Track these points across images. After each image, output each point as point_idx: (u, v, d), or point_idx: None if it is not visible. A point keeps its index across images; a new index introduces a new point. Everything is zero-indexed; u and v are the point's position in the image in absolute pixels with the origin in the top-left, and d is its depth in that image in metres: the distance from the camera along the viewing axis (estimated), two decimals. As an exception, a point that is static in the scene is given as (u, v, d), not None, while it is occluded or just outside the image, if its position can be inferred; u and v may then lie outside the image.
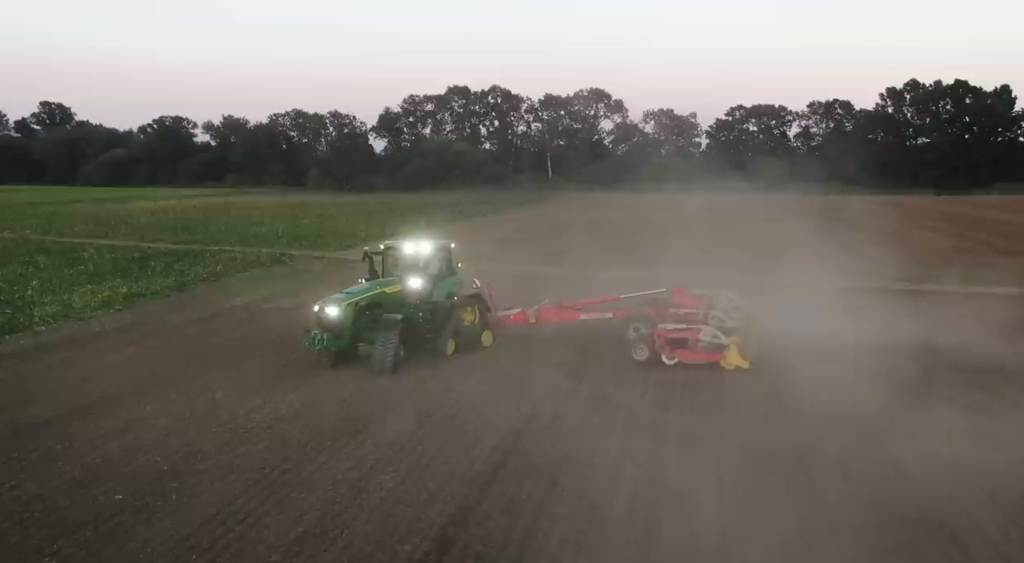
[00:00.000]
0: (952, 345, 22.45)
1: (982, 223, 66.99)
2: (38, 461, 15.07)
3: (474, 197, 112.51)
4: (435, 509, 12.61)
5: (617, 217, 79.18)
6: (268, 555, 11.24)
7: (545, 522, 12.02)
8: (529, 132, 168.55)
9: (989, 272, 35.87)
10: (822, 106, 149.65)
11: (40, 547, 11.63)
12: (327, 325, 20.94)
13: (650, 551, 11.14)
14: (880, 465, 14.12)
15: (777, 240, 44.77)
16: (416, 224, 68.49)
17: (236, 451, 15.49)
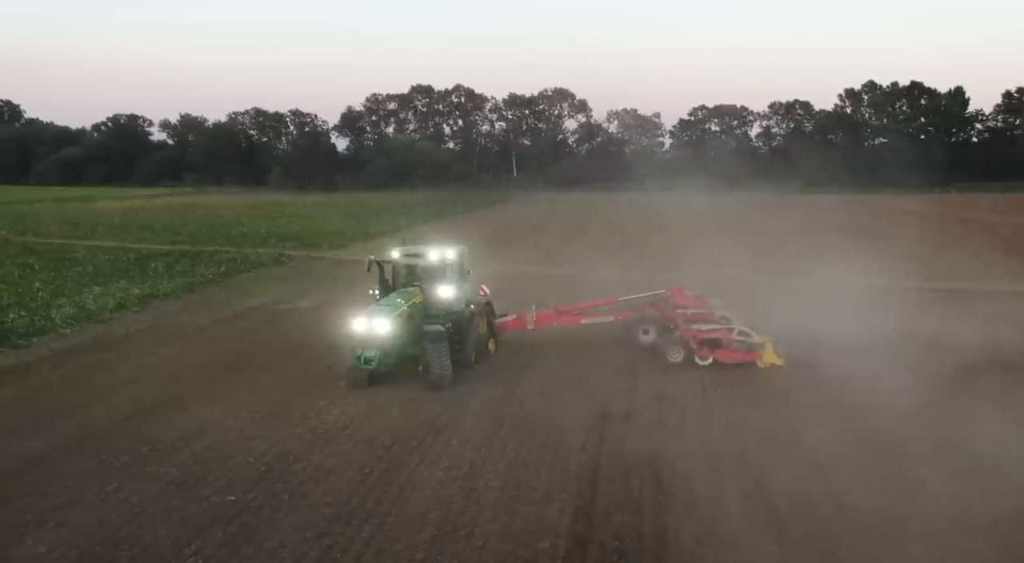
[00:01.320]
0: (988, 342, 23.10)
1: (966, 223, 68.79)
2: (130, 463, 15.10)
3: (443, 196, 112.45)
4: (554, 507, 12.90)
5: (595, 216, 79.83)
6: (412, 554, 11.43)
7: (671, 518, 12.36)
8: (493, 131, 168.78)
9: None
10: (783, 106, 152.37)
11: (176, 549, 11.70)
12: (375, 342, 19.36)
13: (787, 545, 11.52)
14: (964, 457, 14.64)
15: (785, 238, 45.61)
16: (394, 224, 68.70)
17: (324, 451, 15.63)
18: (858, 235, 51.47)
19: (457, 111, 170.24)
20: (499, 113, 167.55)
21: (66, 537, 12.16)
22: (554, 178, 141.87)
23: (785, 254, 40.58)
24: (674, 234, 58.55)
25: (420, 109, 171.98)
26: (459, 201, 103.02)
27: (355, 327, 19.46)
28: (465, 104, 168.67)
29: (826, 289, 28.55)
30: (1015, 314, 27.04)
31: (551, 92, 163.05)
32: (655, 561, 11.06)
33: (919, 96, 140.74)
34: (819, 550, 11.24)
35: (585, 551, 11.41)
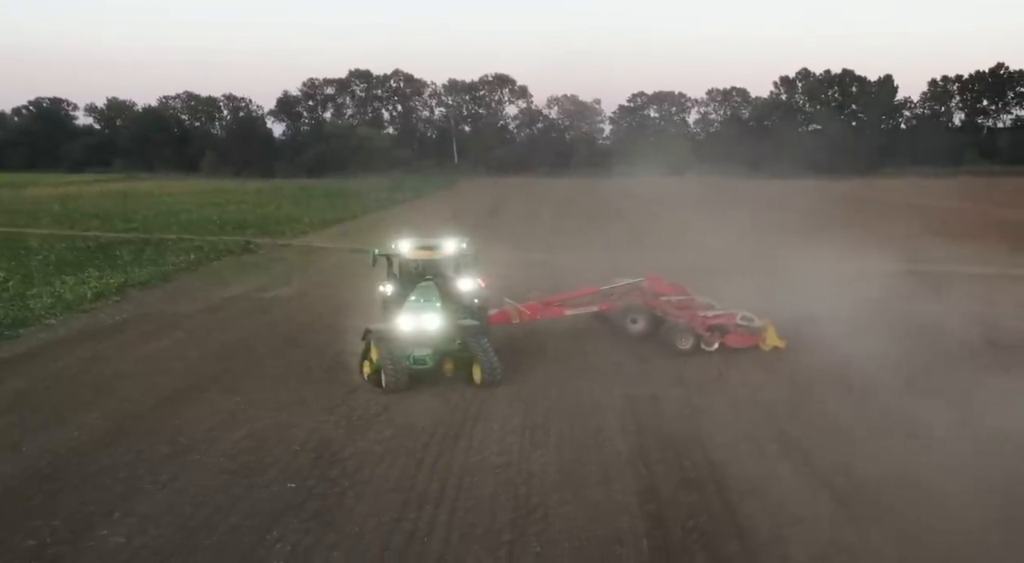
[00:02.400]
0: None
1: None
2: (173, 454, 15.03)
3: (387, 183, 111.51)
4: (616, 488, 13.26)
5: (546, 201, 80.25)
6: (497, 537, 11.71)
7: (734, 497, 12.80)
8: (433, 117, 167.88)
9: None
10: (720, 93, 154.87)
11: (257, 536, 11.74)
12: (427, 339, 18.59)
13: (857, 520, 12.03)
14: (988, 433, 15.38)
15: (747, 224, 46.56)
16: (347, 211, 68.20)
17: (366, 438, 15.73)
18: (820, 220, 52.86)
19: (396, 96, 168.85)
20: (439, 99, 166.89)
21: (139, 526, 12.11)
22: (496, 164, 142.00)
23: (753, 239, 41.38)
24: (630, 219, 59.50)
25: (358, 94, 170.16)
26: (405, 187, 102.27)
27: (402, 326, 18.51)
28: (404, 89, 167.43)
29: (807, 273, 29.34)
30: (993, 295, 28.16)
31: (491, 78, 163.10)
32: (737, 538, 11.41)
33: (850, 84, 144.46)
34: (888, 524, 11.73)
35: (665, 529, 11.76)
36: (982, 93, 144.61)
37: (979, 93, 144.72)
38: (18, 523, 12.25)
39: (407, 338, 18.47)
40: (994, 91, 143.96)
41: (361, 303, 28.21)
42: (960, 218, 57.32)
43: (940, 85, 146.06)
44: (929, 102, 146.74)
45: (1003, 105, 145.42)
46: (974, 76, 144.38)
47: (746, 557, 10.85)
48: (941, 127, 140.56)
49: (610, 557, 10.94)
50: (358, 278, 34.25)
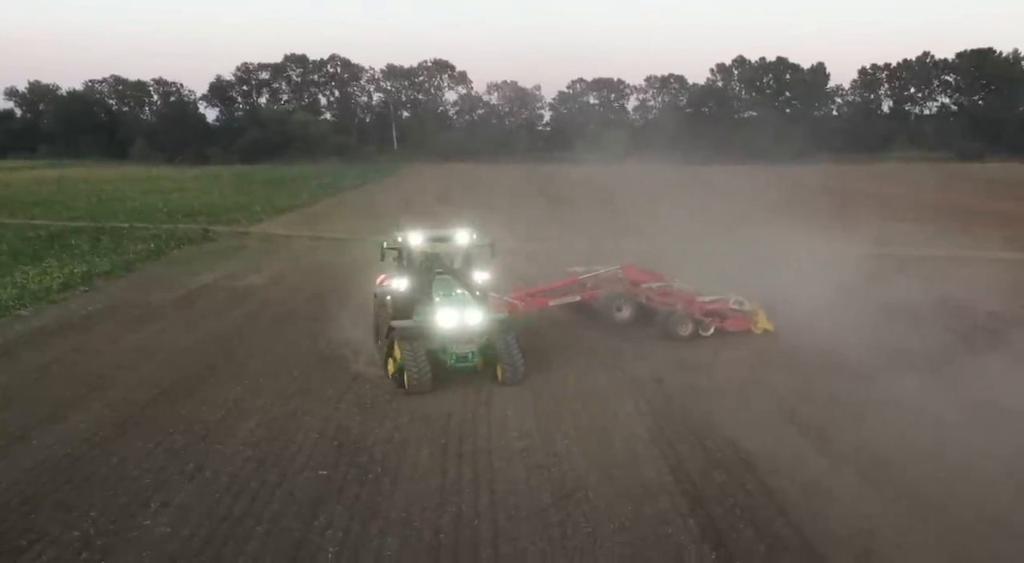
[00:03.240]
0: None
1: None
2: (190, 443, 14.94)
3: (329, 169, 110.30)
4: (648, 469, 13.55)
5: (495, 187, 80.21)
6: (544, 518, 11.93)
7: (764, 475, 13.23)
8: (372, 103, 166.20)
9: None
10: (658, 80, 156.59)
11: (305, 523, 11.81)
12: (470, 336, 17.66)
13: (888, 496, 12.58)
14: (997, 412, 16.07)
15: (704, 209, 47.29)
16: (297, 198, 67.42)
17: (385, 426, 15.77)
18: (772, 206, 53.89)
19: (333, 82, 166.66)
20: (377, 84, 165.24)
21: (180, 516, 12.05)
22: (437, 150, 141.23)
23: (714, 224, 42.11)
24: (585, 206, 59.99)
25: (294, 79, 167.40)
26: (348, 173, 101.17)
27: (442, 323, 17.46)
28: (342, 74, 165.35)
29: (776, 257, 30.08)
30: (956, 276, 29.29)
31: (431, 63, 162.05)
32: (779, 515, 11.82)
33: (784, 71, 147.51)
34: (915, 499, 12.24)
35: (707, 508, 12.09)
36: (909, 81, 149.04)
37: (906, 81, 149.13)
38: (53, 515, 12.07)
39: (447, 335, 17.47)
40: (920, 79, 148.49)
41: (339, 292, 28.32)
42: (907, 202, 59.09)
43: (870, 73, 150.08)
44: (859, 90, 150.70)
45: (929, 93, 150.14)
46: (901, 64, 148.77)
47: (792, 532, 11.24)
48: (871, 114, 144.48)
49: (660, 536, 11.23)
50: (328, 266, 34.28)
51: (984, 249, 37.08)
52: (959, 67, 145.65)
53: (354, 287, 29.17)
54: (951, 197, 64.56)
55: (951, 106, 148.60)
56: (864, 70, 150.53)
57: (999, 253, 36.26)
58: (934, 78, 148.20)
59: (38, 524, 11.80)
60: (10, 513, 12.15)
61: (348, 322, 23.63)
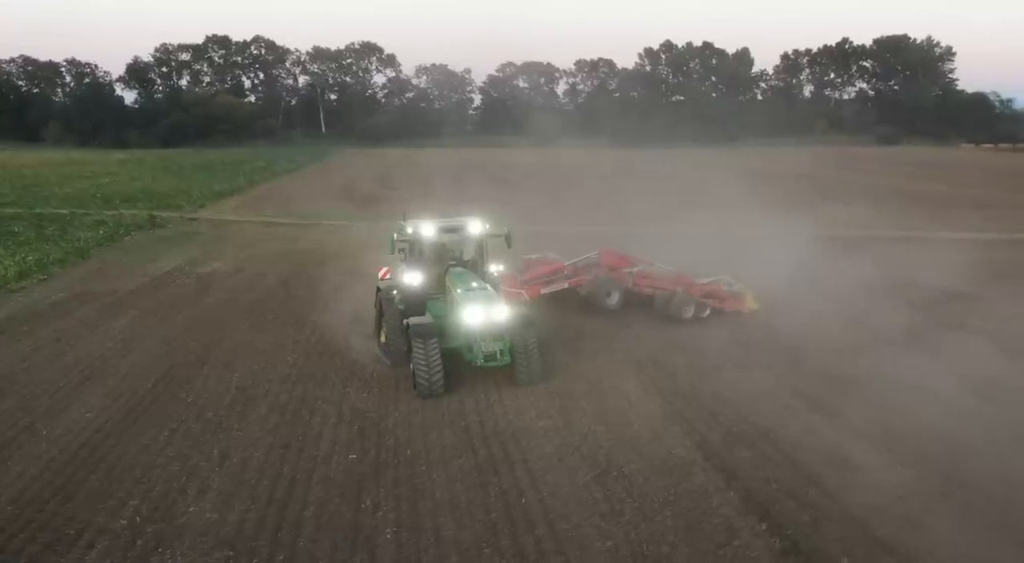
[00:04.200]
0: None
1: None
2: (206, 430, 14.86)
3: (259, 153, 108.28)
4: (676, 445, 13.98)
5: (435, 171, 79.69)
6: (587, 493, 12.23)
7: (788, 448, 13.79)
8: (298, 86, 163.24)
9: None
10: (588, 64, 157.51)
11: (354, 506, 11.90)
12: (498, 332, 16.74)
13: (912, 465, 13.23)
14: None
15: (654, 193, 48.04)
16: (233, 183, 66.20)
17: (399, 408, 15.93)
18: (714, 188, 55.02)
19: (257, 64, 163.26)
20: (303, 67, 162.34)
21: (223, 501, 12.06)
22: (366, 133, 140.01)
23: (662, 207, 42.83)
24: (527, 189, 60.20)
25: (216, 61, 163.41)
26: (279, 157, 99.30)
27: (468, 319, 16.50)
28: (266, 56, 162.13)
29: (733, 238, 30.92)
30: (906, 256, 30.52)
31: (358, 46, 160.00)
32: (812, 486, 12.36)
33: (710, 56, 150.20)
34: (934, 470, 12.86)
35: (743, 481, 12.54)
36: (829, 67, 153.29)
37: (826, 66, 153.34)
38: (90, 505, 11.95)
39: (474, 332, 16.60)
40: (840, 65, 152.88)
41: (307, 279, 28.28)
42: (840, 185, 60.91)
43: (791, 58, 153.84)
44: (782, 75, 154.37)
45: (847, 78, 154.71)
46: (821, 50, 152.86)
47: (829, 502, 11.77)
48: (794, 99, 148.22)
49: (706, 509, 11.64)
50: (287, 253, 33.94)
51: (923, 229, 38.67)
52: (876, 53, 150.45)
53: (321, 274, 29.17)
54: (881, 179, 67.00)
55: (868, 91, 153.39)
56: (786, 55, 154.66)
57: (938, 233, 37.86)
58: (852, 64, 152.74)
59: (78, 514, 11.66)
60: (45, 504, 11.99)
61: (328, 309, 23.70)
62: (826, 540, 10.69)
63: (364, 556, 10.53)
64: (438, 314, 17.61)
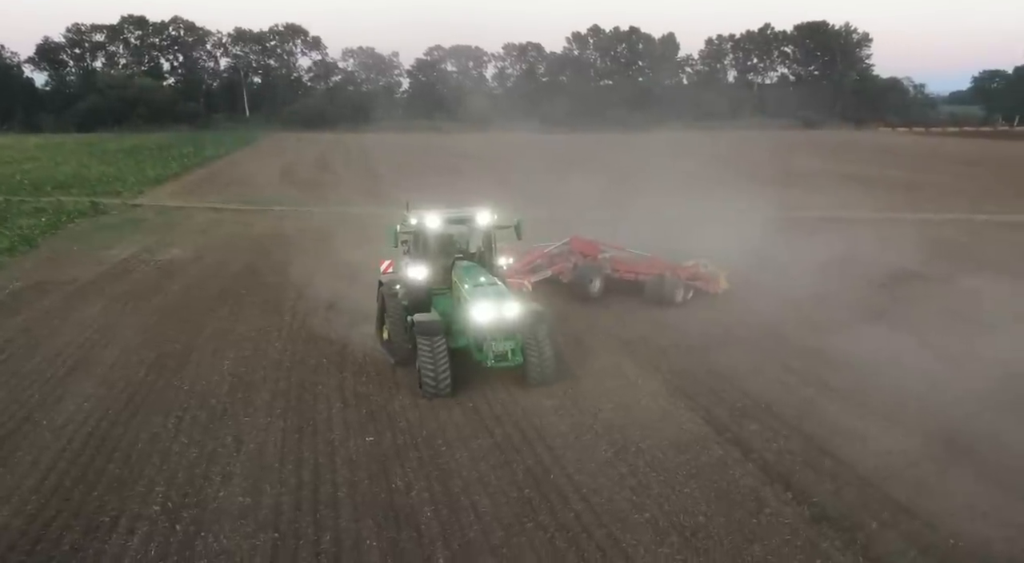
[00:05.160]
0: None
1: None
2: (215, 418, 14.81)
3: (183, 138, 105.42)
4: (684, 419, 14.52)
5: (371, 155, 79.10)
6: (611, 470, 12.61)
7: (794, 420, 14.45)
8: (219, 68, 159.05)
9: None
10: (516, 48, 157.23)
11: (386, 487, 12.00)
12: (509, 330, 15.78)
13: (915, 435, 13.94)
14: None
15: (600, 177, 48.53)
16: (166, 168, 64.66)
17: (401, 391, 16.06)
18: (657, 171, 55.95)
19: (176, 46, 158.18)
20: (225, 49, 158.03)
21: (253, 486, 12.08)
22: (292, 117, 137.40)
23: (612, 191, 43.42)
24: (469, 174, 60.34)
25: (133, 42, 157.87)
26: (206, 142, 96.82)
27: (478, 317, 15.59)
28: (185, 38, 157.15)
29: (692, 220, 31.63)
30: (861, 235, 31.64)
31: (282, 28, 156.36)
32: (823, 453, 12.99)
33: (637, 41, 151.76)
34: (942, 438, 13.50)
35: (758, 453, 13.08)
36: (751, 52, 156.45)
37: (749, 51, 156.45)
38: (117, 492, 11.87)
39: (484, 330, 15.69)
40: (762, 50, 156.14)
41: (272, 266, 28.11)
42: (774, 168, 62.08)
43: (716, 43, 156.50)
44: (708, 60, 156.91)
45: (770, 63, 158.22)
46: (744, 36, 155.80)
47: (846, 470, 12.37)
48: (718, 84, 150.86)
49: (731, 481, 12.12)
50: (244, 239, 33.53)
51: (864, 210, 40.01)
52: (796, 39, 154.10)
53: (286, 260, 28.97)
54: (812, 162, 68.75)
55: (790, 76, 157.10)
56: (711, 40, 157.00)
57: (882, 214, 39.30)
58: (774, 49, 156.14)
59: (107, 501, 11.59)
60: (69, 492, 11.88)
61: (302, 296, 23.68)
62: (850, 506, 11.25)
63: (411, 533, 10.70)
64: (444, 310, 16.91)
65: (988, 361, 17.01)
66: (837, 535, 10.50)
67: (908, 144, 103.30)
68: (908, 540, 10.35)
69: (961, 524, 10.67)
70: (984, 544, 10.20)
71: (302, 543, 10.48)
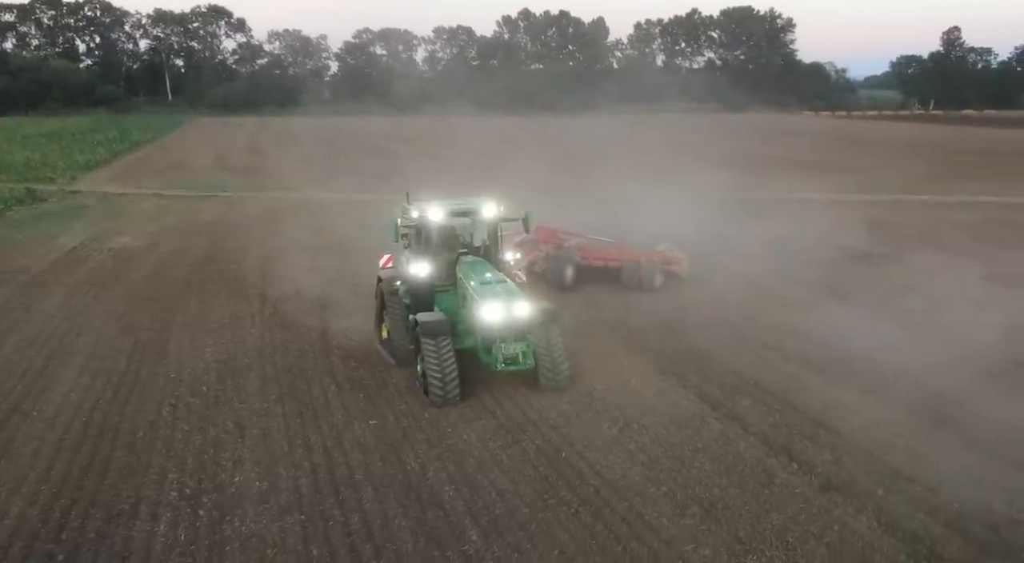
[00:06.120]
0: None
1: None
2: (210, 405, 14.73)
3: (105, 122, 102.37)
4: (677, 396, 14.93)
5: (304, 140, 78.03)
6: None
7: (781, 395, 14.98)
8: (139, 50, 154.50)
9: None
10: (446, 32, 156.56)
11: (399, 468, 12.06)
12: (518, 331, 14.78)
13: (895, 406, 14.59)
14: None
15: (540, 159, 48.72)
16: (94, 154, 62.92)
17: (395, 375, 16.10)
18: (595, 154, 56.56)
19: (93, 27, 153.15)
20: (144, 30, 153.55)
21: (264, 470, 12.06)
22: (217, 102, 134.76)
23: (559, 174, 43.73)
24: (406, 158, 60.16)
25: (46, 23, 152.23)
26: (129, 126, 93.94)
27: (487, 317, 14.52)
28: (102, 19, 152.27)
29: (641, 203, 31.99)
30: (808, 216, 32.52)
31: (205, 9, 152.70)
32: (817, 426, 13.53)
33: (567, 25, 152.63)
34: (920, 408, 14.08)
35: (756, 427, 13.58)
36: (679, 36, 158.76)
37: (677, 36, 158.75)
38: (128, 480, 11.74)
39: (492, 332, 14.66)
40: (689, 35, 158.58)
41: (230, 253, 27.98)
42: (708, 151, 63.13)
43: (644, 28, 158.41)
44: (637, 44, 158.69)
45: (697, 48, 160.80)
46: (672, 20, 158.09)
47: (840, 440, 12.90)
48: (648, 68, 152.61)
49: (736, 453, 12.53)
50: (195, 226, 33.07)
51: (808, 192, 41.09)
52: (723, 24, 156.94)
53: (243, 247, 28.80)
54: (745, 145, 70.19)
55: (716, 61, 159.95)
56: (639, 25, 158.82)
57: (820, 195, 40.28)
58: (701, 34, 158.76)
59: (122, 489, 11.48)
60: (80, 481, 11.72)
61: (268, 283, 23.62)
62: (853, 475, 11.76)
63: (436, 512, 10.84)
64: (447, 309, 15.91)
65: (948, 333, 17.85)
66: (848, 502, 10.97)
67: (834, 127, 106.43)
68: (913, 505, 10.88)
69: (958, 489, 11.24)
70: (985, 507, 10.79)
71: (331, 524, 10.54)
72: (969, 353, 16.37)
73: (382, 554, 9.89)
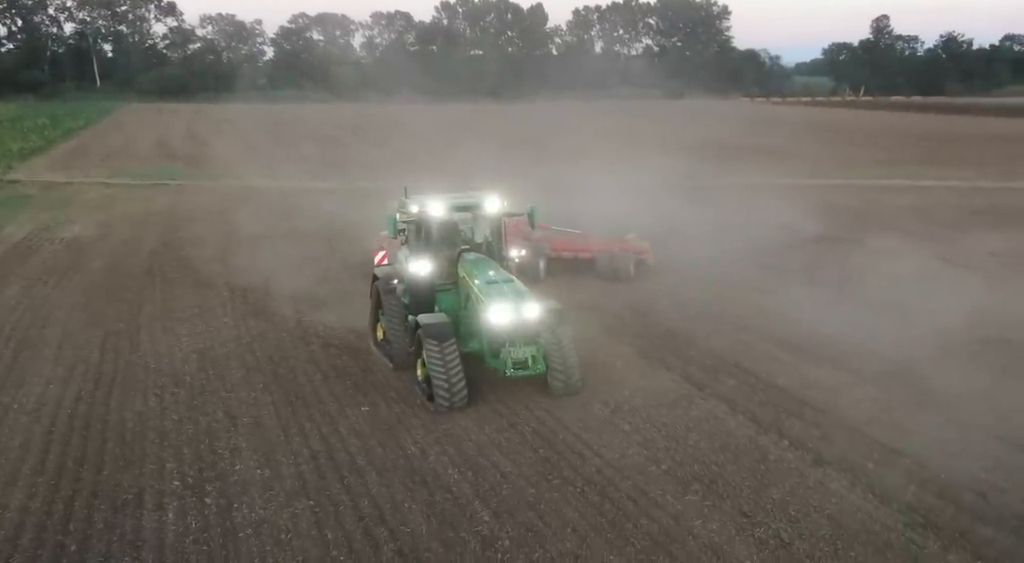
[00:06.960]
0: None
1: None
2: (196, 395, 14.58)
3: (31, 109, 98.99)
4: (668, 377, 15.23)
5: (245, 126, 76.67)
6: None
7: (766, 376, 15.38)
8: (64, 34, 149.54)
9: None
10: (384, 17, 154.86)
11: (401, 453, 12.10)
12: (528, 334, 14.05)
13: (879, 382, 15.08)
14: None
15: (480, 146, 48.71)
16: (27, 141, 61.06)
17: (390, 364, 15.99)
18: (539, 142, 56.73)
19: (14, 9, 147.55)
20: (69, 13, 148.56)
21: (264, 459, 12.01)
22: (148, 87, 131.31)
23: (506, 161, 43.65)
24: (351, 144, 59.70)
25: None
26: (59, 113, 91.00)
27: (495, 319, 13.77)
28: (24, 1, 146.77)
29: (593, 190, 32.11)
30: (760, 202, 33.11)
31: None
32: (803, 404, 13.91)
33: (506, 11, 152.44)
34: (902, 382, 14.64)
35: (745, 406, 13.93)
36: (617, 23, 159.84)
37: (615, 23, 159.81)
38: (129, 470, 11.63)
39: (500, 335, 13.97)
40: (627, 21, 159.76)
41: (189, 242, 27.67)
42: (651, 138, 63.84)
43: (583, 15, 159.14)
44: (576, 31, 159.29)
45: (635, 34, 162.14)
46: (611, 7, 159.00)
47: (827, 418, 13.30)
48: (587, 55, 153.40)
49: (728, 432, 12.84)
50: (146, 215, 32.55)
51: (756, 176, 41.95)
52: (660, 11, 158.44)
53: (199, 236, 28.51)
54: (694, 131, 70.82)
55: (654, 47, 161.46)
56: (578, 12, 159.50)
57: (775, 180, 41.23)
58: (639, 21, 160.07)
59: (122, 480, 11.34)
60: (77, 473, 11.55)
61: (232, 272, 23.34)
62: (842, 450, 12.17)
63: (444, 495, 10.93)
64: (448, 309, 15.16)
65: (913, 311, 18.40)
66: (841, 476, 11.36)
67: (771, 113, 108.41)
68: (904, 477, 11.31)
69: (944, 460, 11.71)
70: (971, 477, 11.27)
71: (341, 509, 10.56)
72: (934, 331, 16.91)
73: (397, 536, 9.96)
